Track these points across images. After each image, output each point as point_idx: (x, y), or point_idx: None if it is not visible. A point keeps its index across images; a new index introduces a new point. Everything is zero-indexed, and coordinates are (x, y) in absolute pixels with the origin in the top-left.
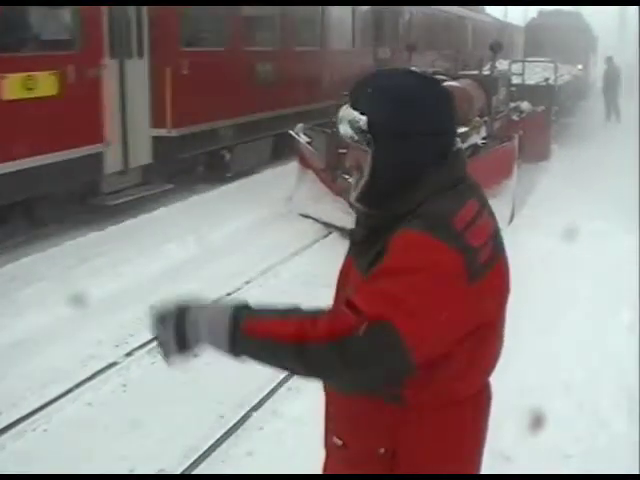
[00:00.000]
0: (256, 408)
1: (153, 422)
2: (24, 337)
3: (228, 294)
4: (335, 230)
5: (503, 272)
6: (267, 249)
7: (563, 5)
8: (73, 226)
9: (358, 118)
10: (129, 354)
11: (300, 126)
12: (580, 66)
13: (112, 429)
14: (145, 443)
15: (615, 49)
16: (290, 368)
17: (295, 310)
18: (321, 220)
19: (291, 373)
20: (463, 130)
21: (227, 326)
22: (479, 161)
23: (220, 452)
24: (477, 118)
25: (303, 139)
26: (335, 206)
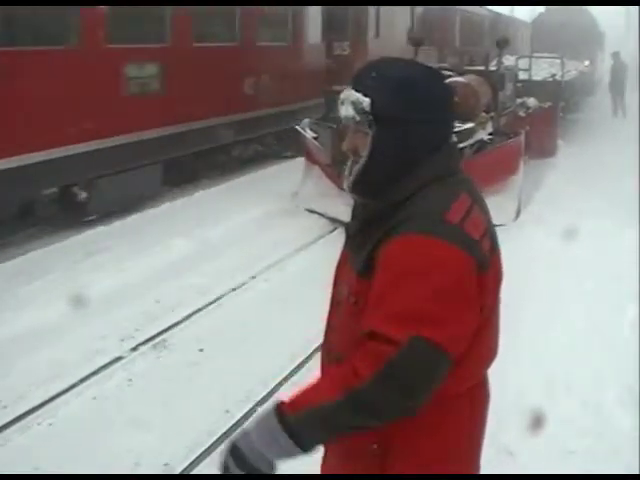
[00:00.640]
0: (261, 403)
1: (158, 416)
2: (29, 331)
3: (233, 289)
4: (341, 225)
5: (498, 266)
6: (273, 244)
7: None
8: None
9: (362, 99)
10: (134, 348)
11: (306, 121)
12: (587, 62)
13: (117, 423)
14: (150, 437)
15: (622, 45)
16: (360, 425)
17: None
18: (327, 215)
19: (366, 429)
20: (469, 126)
21: (276, 423)
22: (485, 157)
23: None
24: (483, 114)
25: (309, 134)
26: (341, 201)
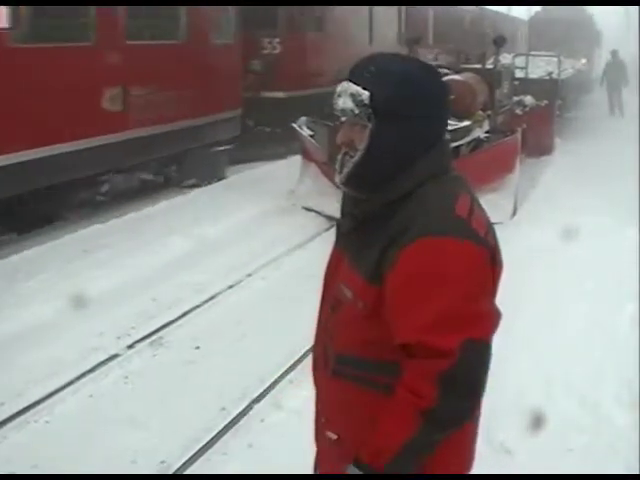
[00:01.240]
0: (257, 400)
1: (154, 414)
2: (27, 329)
3: (230, 287)
4: (335, 223)
5: (499, 260)
6: (270, 242)
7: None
8: (76, 218)
9: (361, 92)
10: (131, 346)
11: (303, 119)
12: (584, 60)
13: (113, 421)
14: (146, 435)
15: (620, 43)
16: (441, 440)
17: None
18: (324, 213)
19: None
20: (466, 124)
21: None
22: (482, 155)
23: (221, 444)
24: (480, 112)
25: (306, 132)
26: (338, 199)
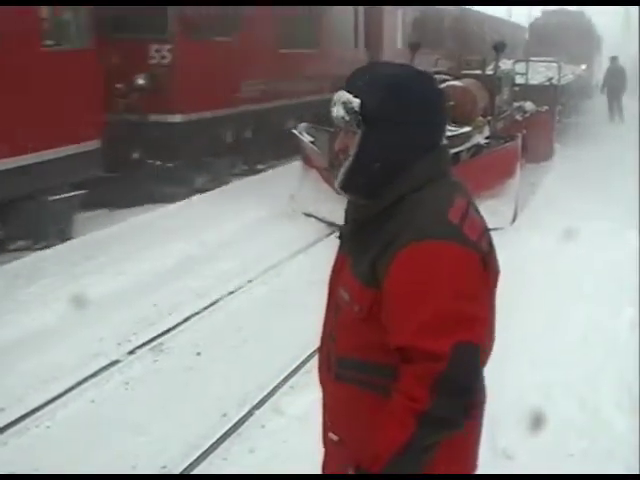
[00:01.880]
0: (258, 406)
1: (155, 420)
2: (28, 334)
3: (231, 292)
4: (338, 229)
5: (494, 267)
6: (270, 248)
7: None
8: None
9: (352, 100)
10: (132, 352)
11: (303, 125)
12: (584, 66)
13: (114, 426)
14: (147, 441)
15: (619, 49)
16: (438, 443)
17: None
18: (324, 219)
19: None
20: (466, 129)
21: None
22: (482, 161)
23: (222, 450)
24: (480, 118)
25: (306, 138)
26: (338, 205)
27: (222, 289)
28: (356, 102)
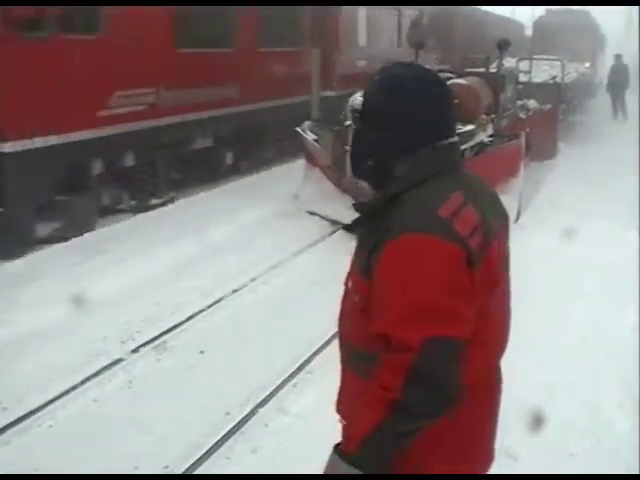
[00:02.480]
0: (261, 405)
1: (158, 419)
2: (30, 333)
3: (234, 291)
4: (342, 228)
5: (493, 263)
6: (273, 246)
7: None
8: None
9: (357, 99)
10: (135, 350)
11: (307, 123)
12: (587, 64)
13: (117, 425)
14: (150, 440)
15: (623, 47)
16: (415, 430)
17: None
18: (328, 218)
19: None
20: (470, 128)
21: (342, 463)
22: (486, 159)
23: (225, 449)
24: (484, 116)
25: (310, 136)
26: (342, 203)
27: (225, 288)
28: (358, 101)
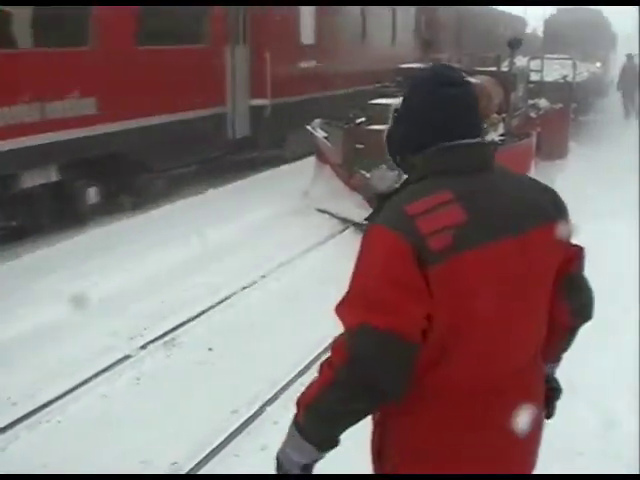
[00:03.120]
0: (270, 403)
1: (166, 415)
2: (39, 328)
3: (244, 288)
4: (351, 225)
5: (474, 265)
6: (283, 244)
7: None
8: (91, 217)
9: (398, 101)
10: (143, 347)
11: (317, 121)
12: (599, 64)
13: (125, 422)
14: (158, 436)
15: (634, 47)
16: (348, 412)
17: None
18: (338, 215)
19: (362, 414)
20: None
21: (291, 425)
22: (496, 158)
23: (233, 446)
24: (495, 115)
25: (320, 134)
26: (352, 201)
27: (235, 285)
28: (394, 102)
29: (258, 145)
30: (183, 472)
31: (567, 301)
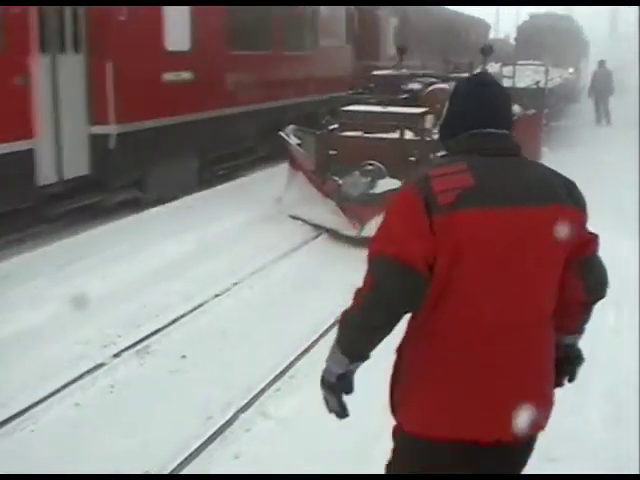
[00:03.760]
0: (244, 409)
1: (140, 423)
2: (13, 336)
3: (217, 295)
4: (324, 232)
5: (469, 219)
6: (257, 250)
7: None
8: (65, 225)
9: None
10: (117, 355)
11: (290, 127)
12: (571, 69)
13: (99, 430)
14: (131, 444)
15: (606, 53)
16: (373, 325)
17: None
18: (311, 222)
19: (381, 330)
20: None
21: (333, 344)
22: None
23: (207, 454)
24: None
25: (293, 141)
26: (325, 208)
27: (208, 292)
28: (367, 109)
29: (105, 186)
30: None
31: (582, 280)
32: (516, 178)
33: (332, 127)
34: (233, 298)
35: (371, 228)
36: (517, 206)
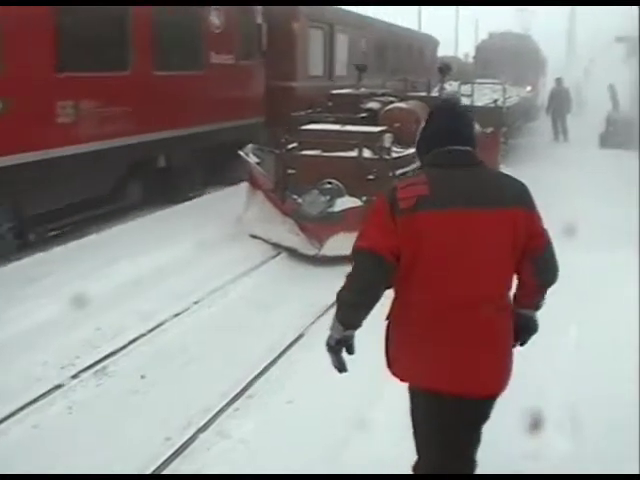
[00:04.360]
0: (203, 429)
1: (99, 444)
2: None
3: (176, 315)
4: (284, 251)
5: (426, 218)
6: (216, 269)
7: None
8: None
9: None
10: (75, 376)
11: (250, 147)
12: (529, 88)
13: (58, 452)
14: (91, 465)
15: (564, 71)
16: (360, 300)
17: None
18: (270, 241)
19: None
20: (411, 151)
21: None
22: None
23: (169, 472)
24: None
25: (252, 160)
26: (284, 227)
27: (167, 311)
28: (325, 127)
29: None
30: None
31: (535, 276)
32: (467, 186)
33: (291, 146)
34: (192, 317)
35: (330, 247)
36: (464, 208)
